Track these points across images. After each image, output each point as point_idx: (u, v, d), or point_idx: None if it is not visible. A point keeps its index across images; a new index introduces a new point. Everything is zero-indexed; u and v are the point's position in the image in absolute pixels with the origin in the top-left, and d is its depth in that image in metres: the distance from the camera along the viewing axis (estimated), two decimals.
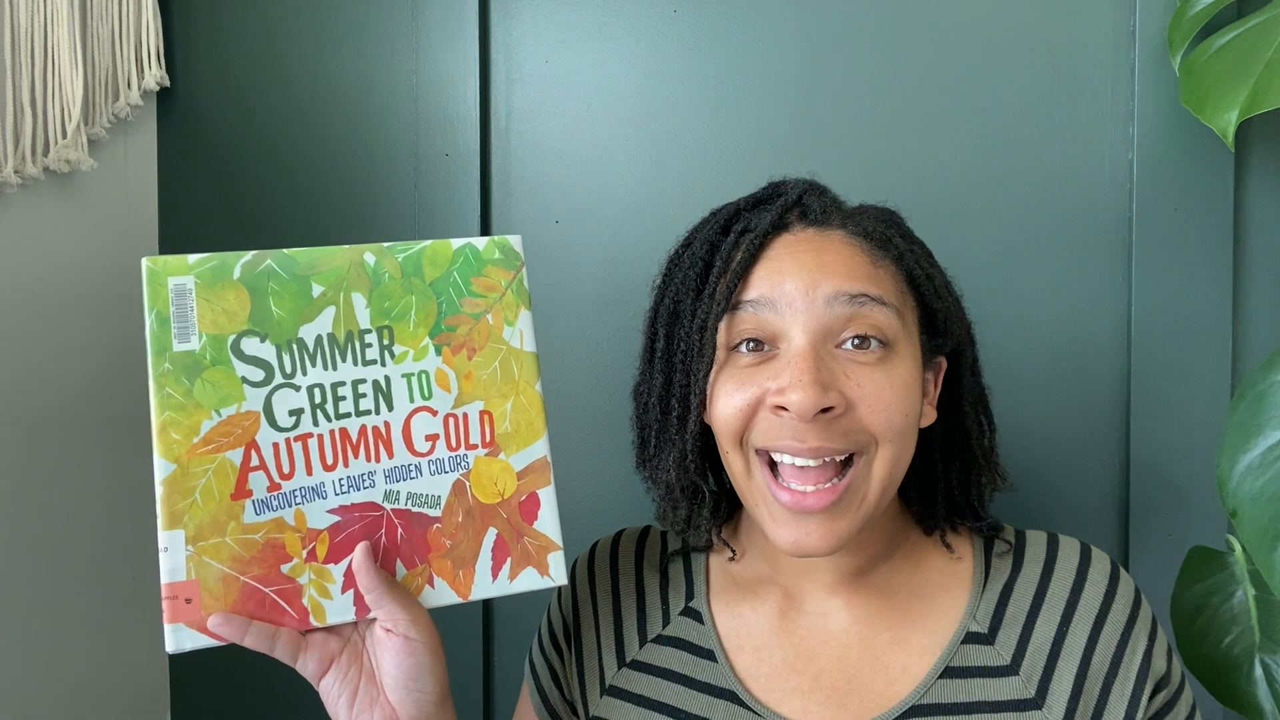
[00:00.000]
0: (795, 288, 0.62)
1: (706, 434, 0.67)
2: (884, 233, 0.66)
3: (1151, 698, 0.65)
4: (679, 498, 0.69)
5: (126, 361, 1.05)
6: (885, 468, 0.62)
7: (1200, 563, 0.88)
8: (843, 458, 0.62)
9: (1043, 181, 0.98)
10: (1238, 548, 0.87)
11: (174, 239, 1.10)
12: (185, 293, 0.61)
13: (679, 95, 1.03)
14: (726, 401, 0.63)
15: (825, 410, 0.60)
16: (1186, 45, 0.90)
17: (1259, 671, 0.83)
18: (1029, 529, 0.72)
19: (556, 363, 1.05)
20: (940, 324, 0.67)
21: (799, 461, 0.61)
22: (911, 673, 0.65)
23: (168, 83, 1.07)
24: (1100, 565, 0.67)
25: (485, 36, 1.05)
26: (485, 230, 1.06)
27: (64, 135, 0.93)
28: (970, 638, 0.66)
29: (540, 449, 0.65)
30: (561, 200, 1.05)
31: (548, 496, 0.65)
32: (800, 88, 1.01)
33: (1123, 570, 0.68)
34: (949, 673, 0.65)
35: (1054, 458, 0.98)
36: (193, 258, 0.61)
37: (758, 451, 0.63)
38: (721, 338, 0.64)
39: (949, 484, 0.70)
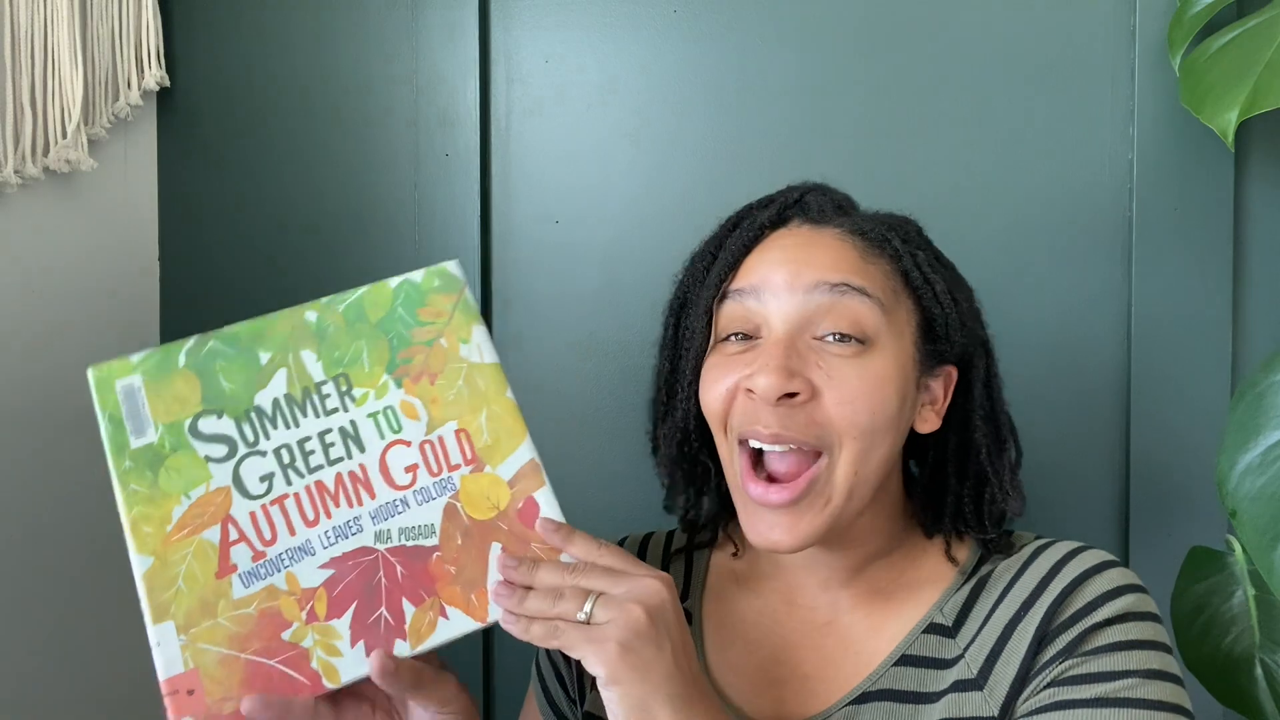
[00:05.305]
0: (779, 278, 0.64)
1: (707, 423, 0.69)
2: (882, 234, 0.67)
3: (1049, 656, 0.60)
4: (678, 478, 0.73)
5: None
6: (851, 466, 0.62)
7: (1200, 563, 0.88)
8: (811, 450, 0.63)
9: (1043, 181, 0.98)
10: (1238, 548, 0.87)
11: (174, 239, 1.10)
12: (133, 391, 0.61)
13: (679, 95, 1.03)
14: (711, 388, 0.66)
15: (790, 396, 0.61)
16: (1186, 45, 0.90)
17: (1259, 671, 0.83)
18: (1038, 534, 0.70)
19: (556, 362, 1.05)
20: (940, 330, 0.67)
21: (767, 447, 0.63)
22: (876, 660, 0.66)
23: (168, 83, 1.07)
24: (1083, 560, 0.63)
25: (485, 36, 1.05)
26: (485, 231, 1.06)
27: (64, 135, 0.93)
28: (933, 628, 0.66)
29: (525, 453, 0.64)
30: (561, 200, 1.05)
31: (545, 497, 0.63)
32: (800, 88, 1.01)
33: (1120, 570, 0.63)
34: (904, 660, 0.65)
35: (1054, 458, 0.98)
36: (135, 356, 0.62)
37: (739, 441, 0.65)
38: (715, 326, 0.67)
39: (959, 498, 0.69)
